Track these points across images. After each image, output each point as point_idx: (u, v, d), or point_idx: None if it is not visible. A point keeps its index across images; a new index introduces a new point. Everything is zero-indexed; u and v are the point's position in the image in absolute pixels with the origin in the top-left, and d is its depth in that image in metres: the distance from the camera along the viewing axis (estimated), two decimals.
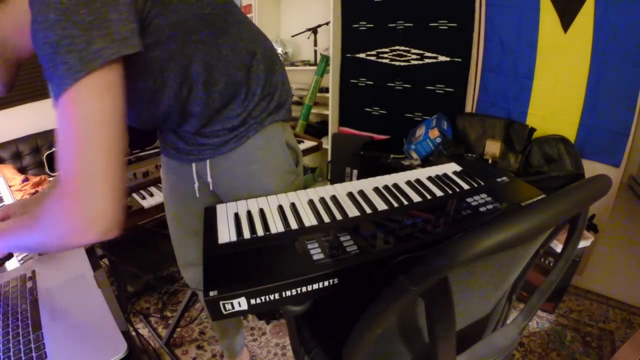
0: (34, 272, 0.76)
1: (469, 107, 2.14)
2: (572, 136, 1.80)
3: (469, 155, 2.01)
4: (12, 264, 0.81)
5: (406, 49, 2.29)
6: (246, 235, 0.65)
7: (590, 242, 1.60)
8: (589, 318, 1.65)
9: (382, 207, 0.72)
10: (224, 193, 0.85)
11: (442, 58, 2.17)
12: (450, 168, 0.89)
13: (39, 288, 0.71)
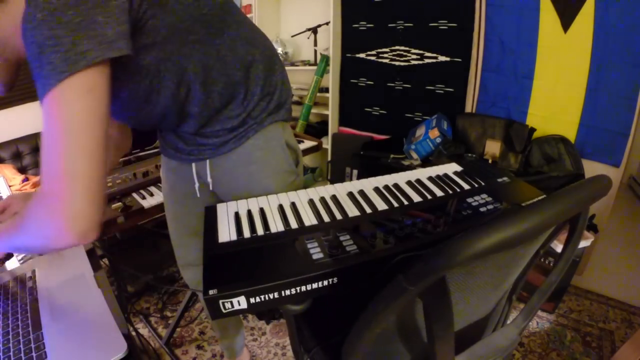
0: (34, 272, 0.76)
1: (469, 107, 2.14)
2: (572, 136, 1.80)
3: (469, 155, 2.01)
4: (12, 264, 0.81)
5: (406, 49, 2.29)
6: (246, 235, 0.65)
7: (590, 242, 1.60)
8: (589, 318, 1.65)
9: (382, 206, 0.72)
10: (224, 193, 0.85)
11: (442, 58, 2.17)
12: (451, 168, 0.89)
13: (39, 288, 0.71)
